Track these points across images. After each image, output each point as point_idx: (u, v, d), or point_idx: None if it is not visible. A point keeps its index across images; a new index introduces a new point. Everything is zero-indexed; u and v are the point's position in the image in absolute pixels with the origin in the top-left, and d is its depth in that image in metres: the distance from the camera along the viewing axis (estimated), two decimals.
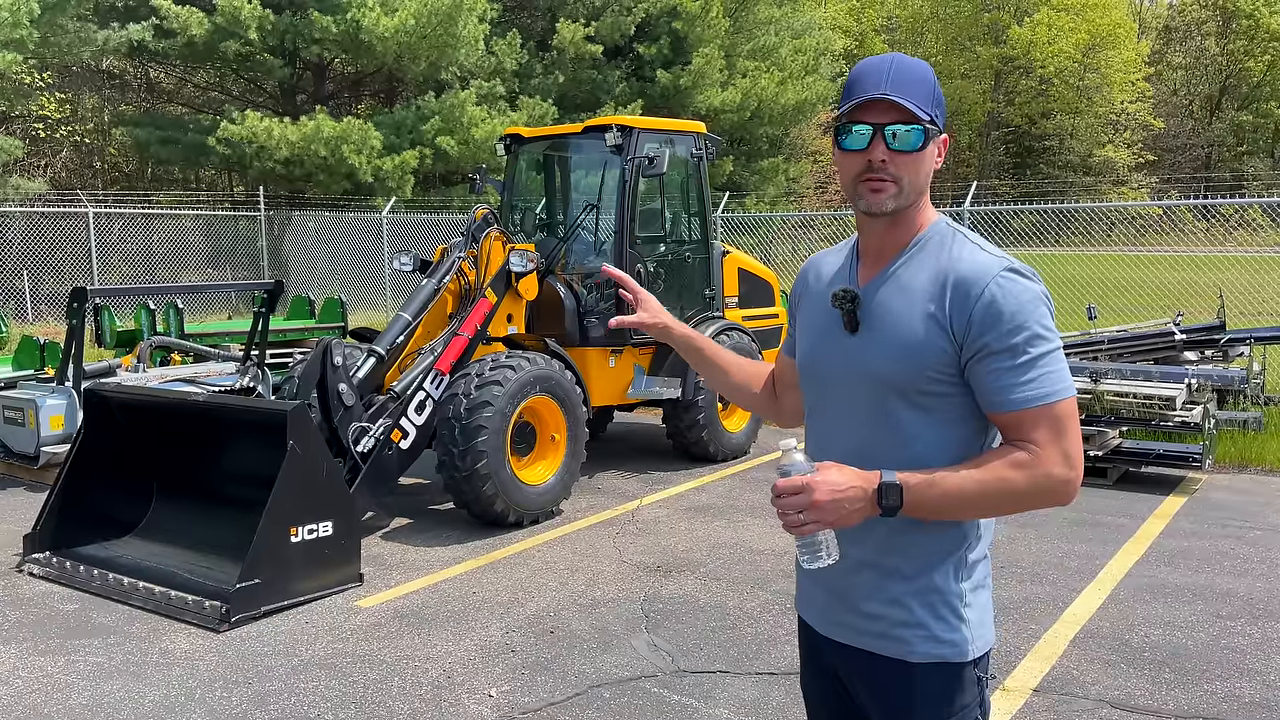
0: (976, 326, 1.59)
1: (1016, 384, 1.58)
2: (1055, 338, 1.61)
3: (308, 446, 4.78)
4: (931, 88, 1.66)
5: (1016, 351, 1.58)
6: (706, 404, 7.39)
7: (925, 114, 1.63)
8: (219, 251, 19.63)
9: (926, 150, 1.66)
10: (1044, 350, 1.59)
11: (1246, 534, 5.83)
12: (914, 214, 1.71)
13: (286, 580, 4.73)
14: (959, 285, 1.61)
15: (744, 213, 19.02)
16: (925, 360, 1.63)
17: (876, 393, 1.68)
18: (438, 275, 6.69)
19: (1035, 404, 1.58)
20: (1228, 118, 47.75)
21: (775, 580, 5.11)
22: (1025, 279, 1.61)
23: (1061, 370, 1.60)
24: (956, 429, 1.66)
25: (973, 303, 1.59)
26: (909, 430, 1.66)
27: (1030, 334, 1.58)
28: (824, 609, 1.81)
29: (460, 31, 19.02)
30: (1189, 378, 7.19)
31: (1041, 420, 1.58)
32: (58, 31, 17.20)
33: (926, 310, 1.63)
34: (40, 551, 5.36)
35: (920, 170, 1.67)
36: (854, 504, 1.56)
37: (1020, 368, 1.58)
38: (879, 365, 1.67)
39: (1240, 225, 16.39)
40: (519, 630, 4.53)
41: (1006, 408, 1.59)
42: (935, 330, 1.62)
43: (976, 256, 1.65)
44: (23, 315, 16.04)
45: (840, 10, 42.74)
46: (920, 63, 1.70)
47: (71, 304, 6.97)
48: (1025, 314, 1.58)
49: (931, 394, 1.64)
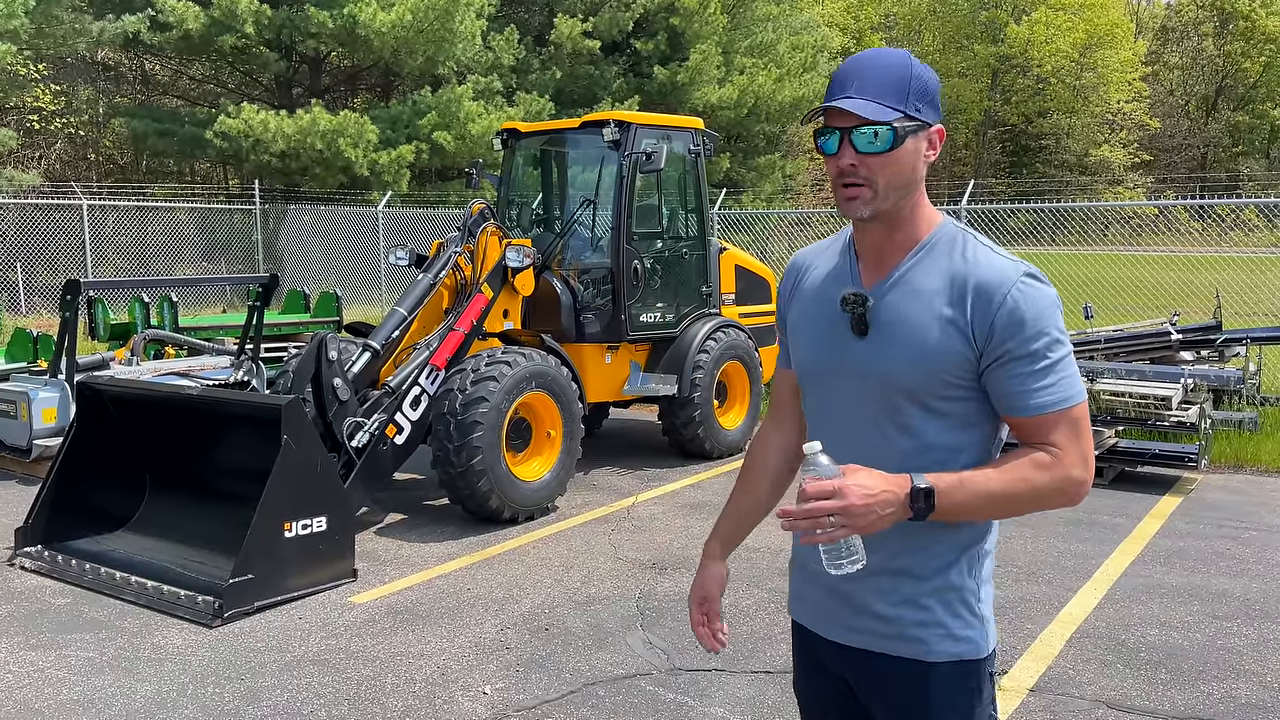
0: (1000, 333, 1.59)
1: (1037, 388, 1.60)
2: (1069, 342, 1.64)
3: (302, 441, 4.76)
4: (906, 81, 1.62)
5: (1037, 357, 1.59)
6: (702, 401, 7.37)
7: (895, 111, 1.59)
8: (214, 245, 19.58)
9: (900, 149, 1.60)
10: (1061, 355, 1.61)
11: (1242, 534, 5.84)
12: (911, 215, 1.67)
13: (280, 575, 4.71)
14: (980, 291, 1.61)
15: (741, 209, 19.01)
16: (942, 364, 1.62)
17: (887, 397, 1.66)
18: (434, 270, 6.67)
19: (1055, 408, 1.60)
20: (1224, 118, 47.83)
21: (770, 578, 5.09)
22: (1042, 284, 1.62)
23: (1076, 374, 1.63)
24: (970, 433, 1.67)
25: (995, 309, 1.59)
26: (922, 434, 1.66)
27: (1050, 339, 1.60)
28: (824, 611, 1.79)
29: (457, 26, 18.97)
30: (1185, 377, 7.20)
31: (1061, 423, 1.61)
32: (52, 22, 17.12)
33: (943, 314, 1.62)
34: (32, 545, 5.33)
35: (895, 171, 1.61)
36: (886, 508, 1.52)
37: (1040, 372, 1.60)
38: (892, 369, 1.65)
39: (1235, 225, 16.42)
40: (514, 627, 4.51)
41: (1028, 412, 1.61)
42: (954, 335, 1.62)
43: (993, 261, 1.64)
44: (16, 308, 15.99)
45: (838, 8, 42.74)
46: (896, 55, 1.65)
47: (65, 296, 6.94)
48: (1045, 320, 1.60)
49: (947, 398, 1.64)
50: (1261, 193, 35.47)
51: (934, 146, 1.67)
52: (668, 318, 7.52)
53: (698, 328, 7.53)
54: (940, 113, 1.68)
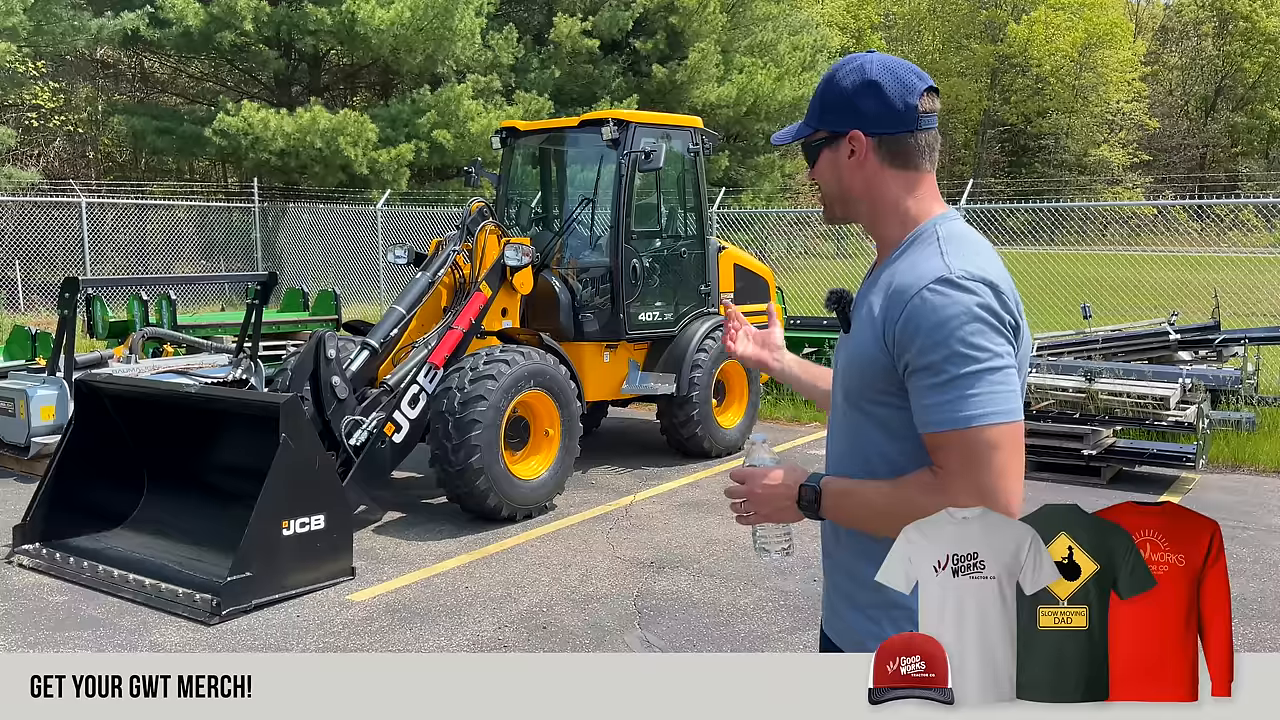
0: (899, 342, 1.52)
1: (930, 405, 1.48)
2: (985, 356, 1.46)
3: (300, 439, 4.76)
4: (819, 95, 1.67)
5: (933, 370, 1.47)
6: (700, 400, 7.38)
7: (808, 128, 1.68)
8: (212, 243, 19.56)
9: (818, 165, 1.68)
10: (962, 371, 1.45)
11: (1239, 534, 5.84)
12: (882, 218, 1.66)
13: (278, 574, 4.71)
14: (892, 296, 1.55)
15: (740, 209, 19.00)
16: (868, 370, 1.60)
17: (845, 397, 1.69)
18: (432, 268, 6.67)
19: (941, 428, 1.47)
20: (1223, 118, 47.82)
21: (768, 577, 5.10)
22: (956, 290, 1.48)
23: (986, 394, 1.45)
24: (900, 444, 1.58)
25: (897, 315, 1.53)
26: (865, 438, 1.64)
27: (948, 352, 1.46)
28: (827, 611, 1.82)
29: (456, 25, 18.97)
30: (1183, 377, 7.20)
31: (951, 446, 1.47)
32: (51, 19, 17.11)
33: (874, 318, 1.59)
34: (30, 543, 5.32)
35: (824, 183, 1.69)
36: (781, 500, 1.62)
37: (934, 388, 1.48)
38: (845, 370, 1.69)
39: (1234, 226, 16.41)
40: (511, 625, 4.52)
41: (922, 429, 1.52)
42: (875, 340, 1.58)
43: (921, 265, 1.55)
44: (14, 305, 15.98)
45: (837, 7, 42.68)
46: (834, 67, 1.69)
47: (63, 294, 6.93)
48: (944, 331, 1.46)
49: (879, 403, 1.60)
50: (1260, 193, 35.50)
51: (856, 152, 1.63)
52: (666, 316, 7.52)
53: (696, 327, 7.53)
54: (870, 111, 1.61)
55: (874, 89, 1.61)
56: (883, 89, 1.60)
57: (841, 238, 18.55)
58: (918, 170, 1.64)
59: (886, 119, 1.61)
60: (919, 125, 1.62)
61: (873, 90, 1.61)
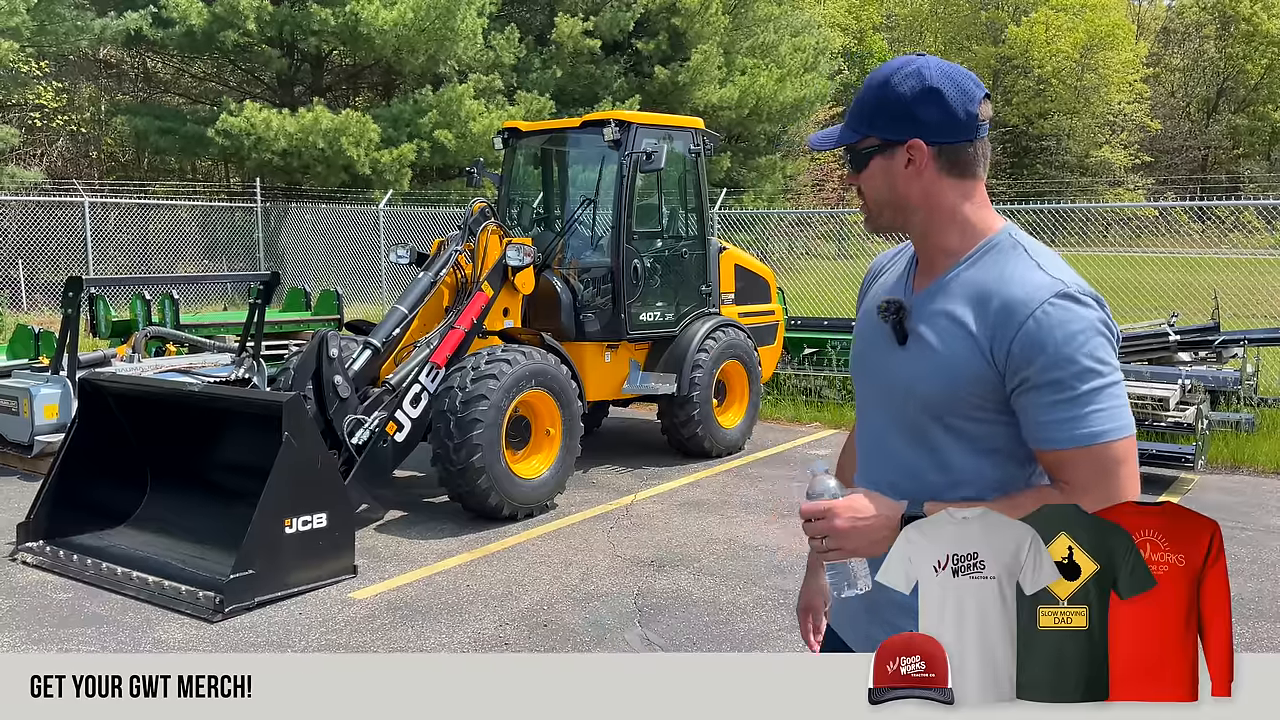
0: (1017, 358, 1.48)
1: (1057, 421, 1.46)
2: (1111, 371, 1.48)
3: (302, 438, 4.77)
4: (867, 101, 1.59)
5: (1060, 386, 1.45)
6: (701, 400, 7.38)
7: (855, 134, 1.60)
8: (215, 243, 19.58)
9: (867, 171, 1.61)
10: (1093, 385, 1.46)
11: (1238, 535, 5.85)
12: (941, 227, 1.61)
13: (280, 571, 4.73)
14: (1003, 310, 1.49)
15: (741, 209, 19.01)
16: (963, 384, 1.53)
17: (914, 410, 1.60)
18: (434, 268, 6.68)
19: (1073, 444, 1.46)
20: (1224, 120, 47.82)
21: (768, 576, 5.11)
22: (1079, 305, 1.47)
23: (1116, 408, 1.47)
24: (995, 459, 1.56)
25: (1014, 331, 1.47)
26: (946, 456, 1.58)
27: (1079, 368, 1.45)
28: (855, 620, 1.75)
29: (459, 25, 18.99)
30: (1183, 378, 7.21)
31: (1080, 462, 1.47)
32: (54, 19, 17.13)
33: (969, 330, 1.53)
34: (34, 540, 5.34)
35: (872, 191, 1.62)
36: (877, 533, 1.47)
37: (1064, 404, 1.46)
38: (919, 384, 1.58)
39: (1236, 227, 16.43)
40: (512, 623, 4.53)
41: (1045, 446, 1.49)
42: (976, 354, 1.52)
43: (1029, 277, 1.51)
44: (18, 304, 16.00)
45: (839, 8, 42.68)
46: (882, 70, 1.61)
47: (67, 293, 6.95)
48: (1073, 345, 1.45)
49: (971, 419, 1.55)
50: (1262, 194, 35.49)
51: (915, 161, 1.57)
52: (667, 317, 7.54)
53: (697, 327, 7.54)
54: (931, 120, 1.56)
55: (936, 97, 1.55)
56: (945, 97, 1.55)
57: (842, 239, 18.55)
58: (975, 178, 1.61)
59: (948, 128, 1.56)
60: (978, 134, 1.58)
61: (934, 98, 1.55)
